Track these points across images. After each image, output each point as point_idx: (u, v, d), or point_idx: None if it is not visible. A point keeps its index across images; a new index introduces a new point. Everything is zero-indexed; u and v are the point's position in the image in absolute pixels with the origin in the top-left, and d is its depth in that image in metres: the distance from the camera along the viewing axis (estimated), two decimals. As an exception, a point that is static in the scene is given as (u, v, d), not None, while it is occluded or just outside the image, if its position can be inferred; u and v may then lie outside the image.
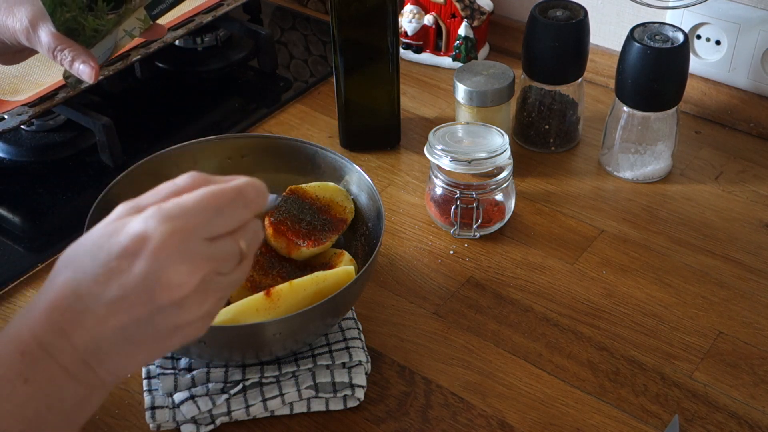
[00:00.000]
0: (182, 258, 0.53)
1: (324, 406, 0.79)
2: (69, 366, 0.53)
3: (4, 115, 1.02)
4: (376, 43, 1.02)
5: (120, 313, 0.53)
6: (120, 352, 0.54)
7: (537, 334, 0.86)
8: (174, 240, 0.53)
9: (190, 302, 0.54)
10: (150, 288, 0.53)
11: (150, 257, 0.52)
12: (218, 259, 0.55)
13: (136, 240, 0.53)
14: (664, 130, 1.02)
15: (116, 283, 0.53)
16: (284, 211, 0.85)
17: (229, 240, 0.55)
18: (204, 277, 0.54)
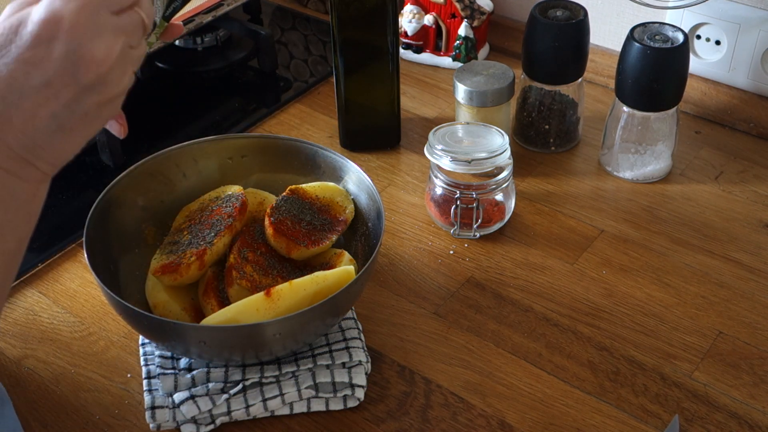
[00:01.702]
0: (98, 32, 0.54)
1: (324, 406, 0.79)
2: (7, 166, 0.54)
3: (4, 115, 1.02)
4: (376, 43, 1.02)
5: (48, 101, 0.53)
6: (55, 141, 0.55)
7: (537, 334, 0.86)
8: (85, 15, 0.53)
9: (113, 75, 0.55)
10: (73, 68, 0.53)
11: (66, 37, 0.53)
12: (128, 30, 0.56)
13: (46, 24, 0.53)
14: (664, 130, 1.02)
15: (37, 72, 0.53)
16: (284, 211, 0.85)
17: (132, 12, 0.57)
18: (120, 48, 0.55)
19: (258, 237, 0.85)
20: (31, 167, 0.55)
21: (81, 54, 0.53)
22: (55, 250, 0.96)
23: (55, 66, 0.53)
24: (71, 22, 0.53)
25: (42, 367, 0.84)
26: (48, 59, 0.53)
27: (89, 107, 0.55)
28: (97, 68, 0.54)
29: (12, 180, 0.54)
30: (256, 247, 0.83)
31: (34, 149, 0.55)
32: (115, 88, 0.56)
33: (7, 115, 0.53)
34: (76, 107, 0.54)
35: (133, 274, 0.86)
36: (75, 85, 0.54)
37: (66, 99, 0.54)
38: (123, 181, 0.86)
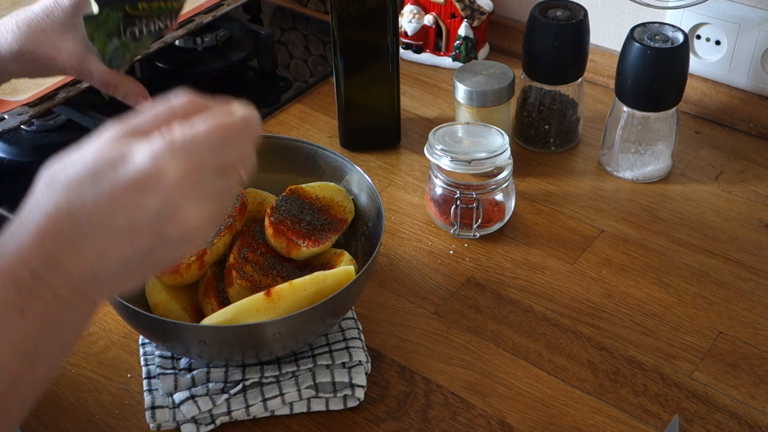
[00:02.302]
0: (195, 196, 0.52)
1: (324, 406, 0.79)
2: (65, 295, 0.52)
3: (4, 115, 1.02)
4: (376, 43, 1.02)
5: (124, 245, 0.51)
6: (117, 279, 0.53)
7: (537, 334, 0.86)
8: (188, 177, 0.51)
9: (198, 235, 0.53)
10: (160, 224, 0.51)
11: (164, 195, 0.51)
12: (225, 193, 0.55)
13: (147, 175, 0.51)
14: (664, 130, 1.02)
15: (123, 215, 0.51)
16: (284, 211, 0.85)
17: (235, 173, 0.55)
18: (212, 213, 0.54)
19: (258, 237, 0.85)
20: (86, 298, 0.53)
21: (172, 213, 0.51)
22: (55, 250, 0.96)
23: (144, 216, 0.51)
24: (173, 181, 0.51)
25: (42, 367, 0.84)
26: (138, 207, 0.51)
27: (163, 258, 0.54)
28: (185, 229, 0.52)
29: (64, 308, 0.52)
30: (256, 247, 0.83)
31: (95, 283, 0.53)
32: (196, 245, 0.54)
33: (79, 246, 0.51)
34: (149, 255, 0.52)
35: (133, 274, 0.86)
36: (157, 237, 0.52)
37: (143, 247, 0.52)
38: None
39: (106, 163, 0.51)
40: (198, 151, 0.52)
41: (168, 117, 0.55)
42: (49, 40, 0.85)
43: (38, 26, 0.85)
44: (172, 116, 0.55)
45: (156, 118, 0.55)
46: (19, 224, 0.52)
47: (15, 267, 0.51)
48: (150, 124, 0.54)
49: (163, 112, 0.55)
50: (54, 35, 0.85)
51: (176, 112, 0.55)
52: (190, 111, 0.56)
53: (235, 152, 0.54)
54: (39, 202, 0.52)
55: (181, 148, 0.52)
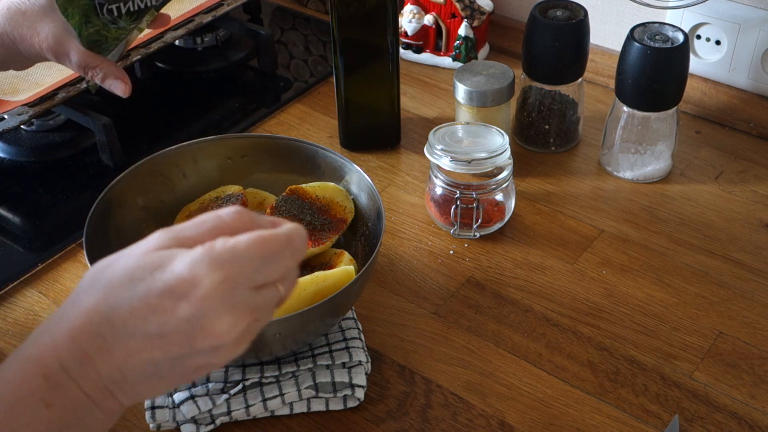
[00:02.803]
0: (228, 308, 0.52)
1: (324, 406, 0.79)
2: (92, 393, 0.53)
3: (4, 115, 1.02)
4: (376, 43, 1.02)
5: (155, 349, 0.52)
6: (145, 384, 0.54)
7: (537, 334, 0.86)
8: (223, 289, 0.52)
9: (227, 348, 0.53)
10: (191, 332, 0.52)
11: (196, 303, 0.51)
12: (260, 308, 0.54)
13: (183, 282, 0.51)
14: (664, 130, 1.02)
15: (156, 320, 0.52)
16: (284, 211, 0.85)
17: (273, 289, 0.55)
18: (246, 326, 0.53)
19: (258, 237, 0.85)
20: (112, 399, 0.54)
21: (202, 323, 0.52)
22: (55, 250, 0.96)
23: (175, 324, 0.51)
24: (206, 291, 0.51)
25: (42, 367, 0.84)
26: (171, 315, 0.51)
27: (193, 367, 0.54)
28: (215, 340, 0.52)
29: (90, 408, 0.53)
30: (256, 247, 0.83)
31: (123, 385, 0.53)
32: (227, 357, 0.54)
33: (111, 346, 0.52)
34: (180, 363, 0.53)
35: (133, 274, 0.86)
36: (187, 346, 0.52)
37: (173, 354, 0.52)
38: (123, 181, 0.86)
39: (146, 268, 0.52)
40: (236, 264, 0.52)
41: (215, 228, 0.55)
42: (28, 21, 0.84)
43: (18, 8, 0.84)
44: (220, 228, 0.55)
45: (202, 229, 0.55)
46: (57, 318, 0.53)
47: (47, 359, 0.52)
48: (196, 234, 0.55)
49: (210, 222, 0.55)
50: (33, 17, 0.84)
51: (224, 224, 0.55)
52: (238, 224, 0.55)
53: (274, 269, 0.54)
54: (79, 298, 0.53)
55: (219, 258, 0.52)
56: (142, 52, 1.12)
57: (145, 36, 1.14)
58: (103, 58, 0.86)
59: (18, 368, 0.52)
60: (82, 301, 0.53)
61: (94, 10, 0.83)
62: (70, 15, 0.83)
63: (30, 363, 0.52)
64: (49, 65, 1.10)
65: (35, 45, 0.84)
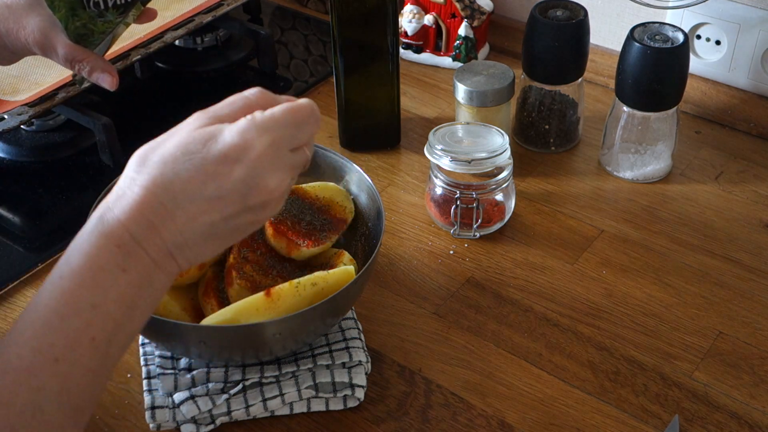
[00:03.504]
0: (276, 166, 0.60)
1: (324, 406, 0.79)
2: (157, 257, 0.58)
3: (4, 115, 1.02)
4: (376, 43, 1.02)
5: (213, 211, 0.59)
6: (202, 244, 0.60)
7: (537, 334, 0.86)
8: (271, 150, 0.60)
9: (274, 203, 0.61)
10: (246, 191, 0.59)
11: (250, 164, 0.59)
12: (297, 167, 0.63)
13: (236, 148, 0.58)
14: (664, 130, 1.02)
15: (214, 184, 0.58)
16: (284, 211, 0.85)
17: (303, 150, 0.63)
18: (287, 183, 0.62)
19: (258, 237, 0.85)
20: (173, 262, 0.60)
21: (256, 182, 0.59)
22: (55, 250, 0.96)
23: (232, 185, 0.59)
24: (259, 153, 0.59)
25: (42, 367, 0.84)
26: (227, 178, 0.58)
27: (243, 224, 0.61)
28: (267, 196, 0.60)
29: (156, 271, 0.59)
30: (256, 247, 0.83)
31: (183, 248, 0.59)
32: (271, 213, 0.62)
33: (173, 214, 0.58)
34: (233, 222, 0.60)
35: (133, 274, 0.86)
36: (242, 204, 0.59)
37: (228, 214, 0.59)
38: (123, 181, 0.86)
39: (198, 141, 0.59)
40: (278, 129, 0.61)
41: (246, 106, 0.63)
42: (14, 15, 0.84)
43: (4, 2, 0.84)
44: (249, 105, 0.63)
45: (234, 107, 0.63)
46: (116, 197, 0.59)
47: (117, 232, 0.57)
48: (231, 111, 0.62)
49: (240, 101, 0.64)
50: (19, 10, 0.84)
51: (252, 102, 0.64)
52: (263, 101, 0.64)
53: (305, 132, 0.63)
54: (134, 178, 0.59)
55: (263, 126, 0.60)
56: (142, 52, 1.12)
57: (145, 36, 1.14)
58: (89, 52, 0.86)
59: (93, 242, 0.57)
60: (138, 180, 0.59)
61: (81, 4, 0.83)
62: (57, 8, 0.82)
63: (103, 237, 0.57)
64: (49, 65, 1.10)
65: (21, 39, 0.84)
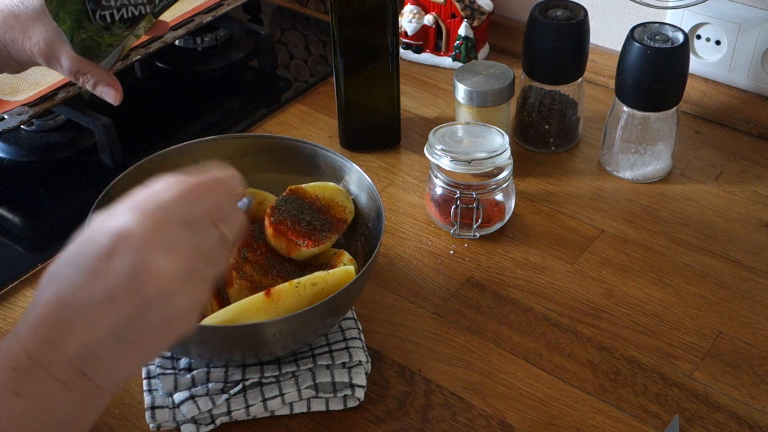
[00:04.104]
0: (165, 248, 0.54)
1: (324, 406, 0.79)
2: (62, 377, 0.53)
3: (4, 115, 1.02)
4: (376, 43, 1.02)
5: (108, 313, 0.53)
6: (114, 355, 0.54)
7: (537, 334, 0.86)
8: (155, 231, 0.54)
9: (178, 292, 0.54)
10: (136, 282, 0.53)
11: (133, 251, 0.53)
12: (202, 246, 0.56)
13: (116, 238, 0.53)
14: (664, 130, 1.02)
15: (101, 283, 0.53)
16: (284, 211, 0.85)
17: (211, 227, 0.57)
18: (189, 265, 0.54)
19: (258, 237, 0.85)
20: (86, 380, 0.54)
21: (144, 270, 0.53)
22: (55, 250, 0.96)
23: (118, 279, 0.53)
24: (140, 237, 0.53)
25: (42, 367, 0.84)
26: (113, 272, 0.53)
27: (152, 322, 0.54)
28: (160, 284, 0.53)
29: (63, 391, 0.53)
30: (256, 247, 0.83)
31: (92, 361, 0.53)
32: (181, 303, 0.55)
33: (70, 325, 0.53)
34: (137, 322, 0.53)
35: (133, 274, 0.86)
36: (137, 298, 0.53)
37: (127, 312, 0.53)
38: (123, 181, 0.86)
39: (86, 243, 0.54)
40: (161, 209, 0.55)
41: (145, 196, 0.57)
42: (21, 25, 0.83)
43: (11, 12, 0.83)
44: (150, 195, 0.57)
45: (134, 198, 0.57)
46: (24, 317, 0.54)
47: (15, 352, 0.52)
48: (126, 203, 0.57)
49: (139, 193, 0.57)
50: (26, 20, 0.83)
51: (154, 192, 0.57)
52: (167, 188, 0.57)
53: (203, 207, 0.57)
54: (39, 295, 0.54)
55: (145, 207, 0.55)
56: (142, 52, 1.12)
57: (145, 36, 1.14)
58: (94, 65, 0.85)
59: None
60: (41, 295, 0.54)
61: (87, 16, 0.81)
62: (62, 20, 0.81)
63: (0, 358, 0.53)
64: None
65: (26, 49, 0.83)
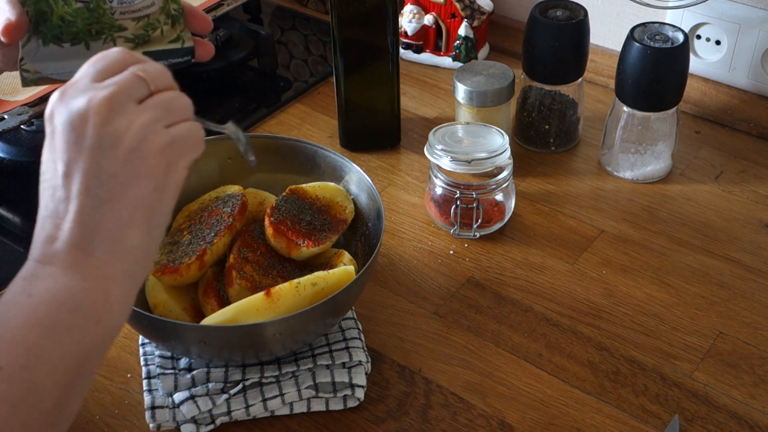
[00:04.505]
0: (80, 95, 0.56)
1: (324, 406, 0.79)
2: (64, 261, 0.54)
3: (4, 115, 1.02)
4: (376, 43, 1.02)
5: (72, 181, 0.54)
6: (101, 218, 0.55)
7: (537, 334, 0.86)
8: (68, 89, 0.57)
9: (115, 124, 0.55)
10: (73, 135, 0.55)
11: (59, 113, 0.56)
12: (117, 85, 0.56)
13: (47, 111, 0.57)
14: (664, 130, 1.02)
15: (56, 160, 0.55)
16: (284, 211, 0.85)
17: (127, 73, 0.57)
18: (111, 98, 0.55)
19: (258, 237, 0.85)
20: (87, 257, 0.54)
21: (71, 118, 0.55)
22: (55, 250, 0.96)
23: (61, 147, 0.55)
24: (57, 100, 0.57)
25: (42, 367, 0.84)
26: (56, 146, 0.55)
27: (113, 168, 0.55)
28: (93, 124, 0.55)
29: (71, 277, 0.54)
30: (256, 247, 0.83)
31: (86, 233, 0.55)
32: (128, 138, 0.55)
33: (55, 210, 0.55)
34: (100, 173, 0.54)
35: (133, 274, 0.86)
36: (84, 151, 0.54)
37: (86, 168, 0.54)
38: (123, 181, 0.86)
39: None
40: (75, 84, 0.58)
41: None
42: None
43: None
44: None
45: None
46: None
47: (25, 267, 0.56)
48: None
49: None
50: None
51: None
52: None
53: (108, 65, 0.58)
54: None
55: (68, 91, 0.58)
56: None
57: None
58: None
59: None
60: None
61: None
62: None
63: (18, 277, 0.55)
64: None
65: None
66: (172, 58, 0.74)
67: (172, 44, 0.73)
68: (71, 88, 0.57)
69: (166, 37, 0.73)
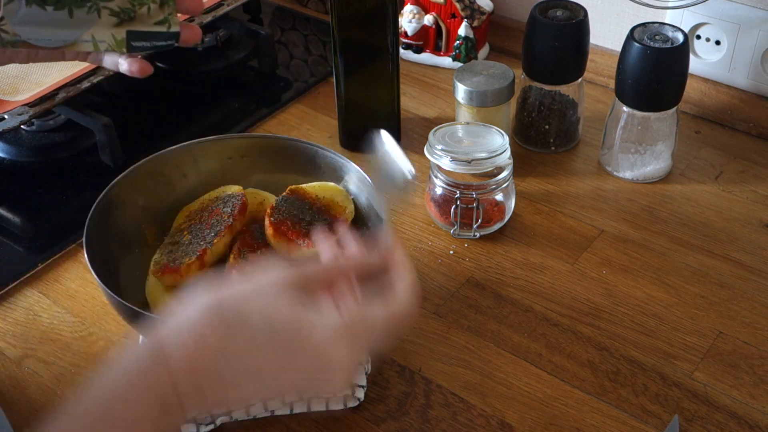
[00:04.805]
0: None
1: (324, 406, 0.79)
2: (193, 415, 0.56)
3: (4, 115, 1.02)
4: (376, 43, 1.02)
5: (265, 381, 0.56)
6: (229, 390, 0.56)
7: (537, 334, 0.86)
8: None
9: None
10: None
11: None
12: None
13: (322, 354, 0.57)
14: (664, 130, 1.02)
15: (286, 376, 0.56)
16: (284, 211, 0.85)
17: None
18: None
19: (258, 237, 0.85)
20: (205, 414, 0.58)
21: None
22: (55, 250, 0.96)
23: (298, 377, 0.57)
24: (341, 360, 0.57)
25: (42, 367, 0.84)
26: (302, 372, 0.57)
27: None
28: None
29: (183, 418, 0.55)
30: (256, 247, 0.83)
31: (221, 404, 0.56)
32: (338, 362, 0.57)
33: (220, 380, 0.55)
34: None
35: (133, 274, 0.86)
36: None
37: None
38: (123, 181, 0.86)
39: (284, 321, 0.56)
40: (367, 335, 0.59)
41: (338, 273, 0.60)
42: None
43: None
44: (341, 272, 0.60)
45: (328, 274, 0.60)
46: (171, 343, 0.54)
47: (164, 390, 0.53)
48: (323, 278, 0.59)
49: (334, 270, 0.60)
50: None
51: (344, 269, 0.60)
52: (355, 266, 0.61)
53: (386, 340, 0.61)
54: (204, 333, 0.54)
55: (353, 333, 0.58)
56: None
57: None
58: None
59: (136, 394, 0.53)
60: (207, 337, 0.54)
61: None
62: None
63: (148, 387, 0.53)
64: (49, 65, 1.10)
65: None
66: (155, 40, 0.71)
67: (158, 26, 0.71)
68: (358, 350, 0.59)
69: (152, 17, 0.71)
